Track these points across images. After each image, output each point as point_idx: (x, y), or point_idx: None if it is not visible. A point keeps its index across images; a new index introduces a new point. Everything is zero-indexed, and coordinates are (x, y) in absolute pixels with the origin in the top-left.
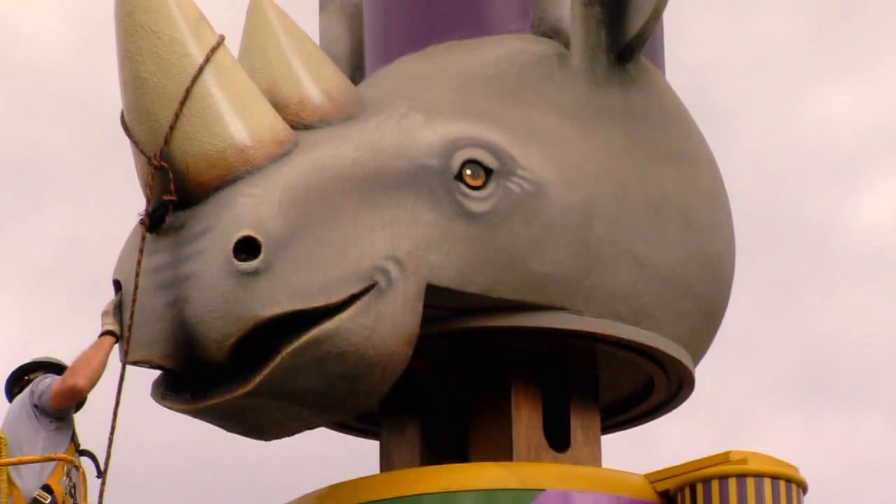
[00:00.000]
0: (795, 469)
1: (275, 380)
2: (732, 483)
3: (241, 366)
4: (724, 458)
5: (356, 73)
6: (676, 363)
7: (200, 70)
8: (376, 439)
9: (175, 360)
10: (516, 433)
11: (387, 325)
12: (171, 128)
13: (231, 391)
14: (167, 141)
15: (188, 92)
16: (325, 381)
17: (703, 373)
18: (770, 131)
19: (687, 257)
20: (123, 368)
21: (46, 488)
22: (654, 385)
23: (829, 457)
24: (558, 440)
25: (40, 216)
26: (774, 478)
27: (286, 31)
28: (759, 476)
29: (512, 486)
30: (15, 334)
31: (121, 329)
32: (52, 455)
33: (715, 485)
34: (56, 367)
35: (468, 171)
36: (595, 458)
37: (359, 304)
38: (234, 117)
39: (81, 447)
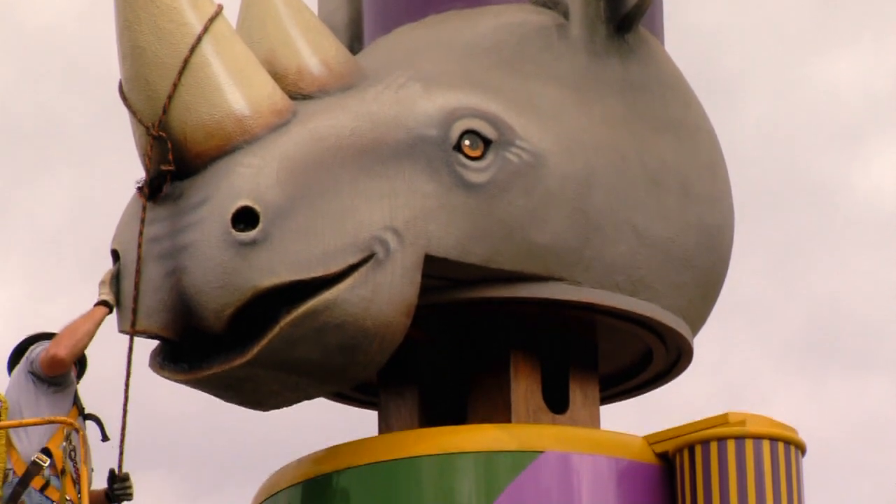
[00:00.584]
0: (794, 431)
1: (273, 350)
2: (731, 445)
3: (240, 336)
4: (723, 419)
5: (355, 43)
6: (675, 334)
7: (199, 40)
8: (376, 409)
9: (173, 330)
10: (515, 396)
11: (385, 296)
12: (170, 98)
13: (229, 361)
14: (165, 111)
15: (186, 62)
16: (323, 352)
17: (709, 337)
18: (777, 96)
19: (686, 228)
20: (132, 339)
21: (45, 451)
22: (652, 356)
23: (835, 420)
24: (557, 405)
25: (49, 181)
26: (773, 439)
27: (285, 1)
28: (757, 438)
29: (511, 448)
30: (23, 299)
31: (117, 299)
32: (53, 418)
33: (713, 446)
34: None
35: (467, 142)
36: (594, 422)
37: (357, 274)
38: (233, 87)
39: (86, 411)
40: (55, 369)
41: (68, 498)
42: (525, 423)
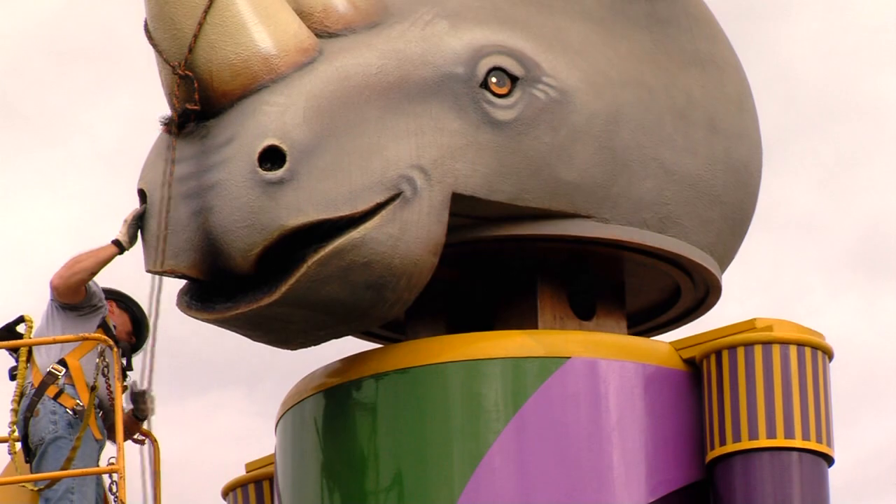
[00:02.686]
0: (821, 336)
1: (300, 289)
2: (758, 350)
3: (267, 275)
4: (750, 325)
5: None
6: (703, 270)
7: None
8: None
9: (200, 269)
10: (542, 305)
11: (412, 234)
12: (195, 37)
13: (256, 300)
14: (191, 50)
15: (212, 1)
16: (350, 291)
17: (761, 253)
18: (832, 12)
19: (714, 163)
20: (159, 278)
21: (62, 362)
22: (680, 292)
23: (887, 336)
24: (584, 315)
25: (109, 101)
26: (800, 345)
27: None
28: (784, 343)
29: (538, 354)
30: (82, 218)
31: (134, 240)
32: (86, 335)
33: (741, 352)
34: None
35: (494, 79)
36: (621, 330)
37: (384, 213)
38: (259, 26)
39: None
40: (56, 295)
41: (80, 403)
42: (552, 328)
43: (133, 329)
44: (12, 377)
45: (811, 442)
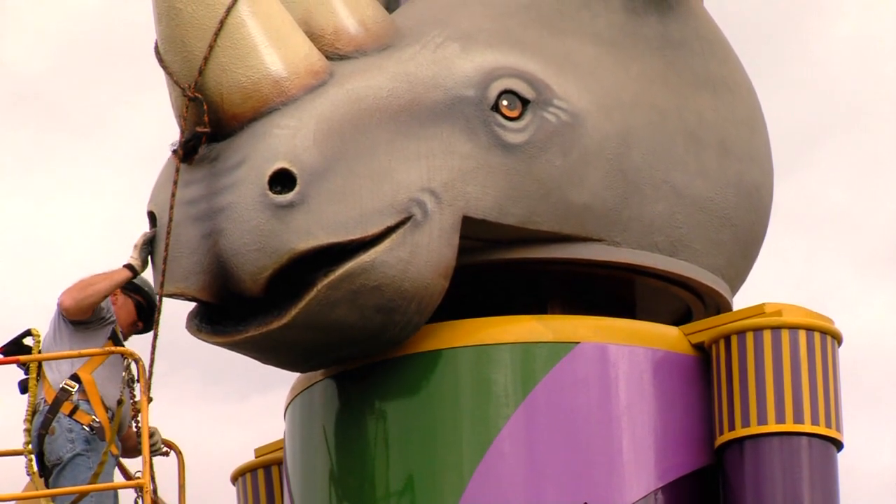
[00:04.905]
0: (830, 321)
1: (310, 313)
2: (767, 335)
3: (277, 298)
4: (759, 310)
5: (392, 2)
6: (714, 294)
7: (235, 1)
8: None
9: (210, 292)
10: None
11: (423, 258)
12: (206, 59)
13: (266, 324)
14: (201, 72)
15: (222, 23)
16: (360, 314)
17: (795, 247)
18: (867, 11)
19: (725, 186)
20: (160, 301)
21: (74, 377)
22: (691, 315)
23: None
24: None
25: (148, 100)
26: (809, 329)
27: None
28: (793, 328)
29: (547, 339)
30: (120, 215)
31: (146, 263)
32: (112, 349)
33: (749, 336)
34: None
35: (505, 102)
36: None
37: (394, 236)
38: (269, 48)
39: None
40: (66, 314)
41: (98, 419)
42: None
43: (138, 314)
44: (23, 390)
45: (820, 427)
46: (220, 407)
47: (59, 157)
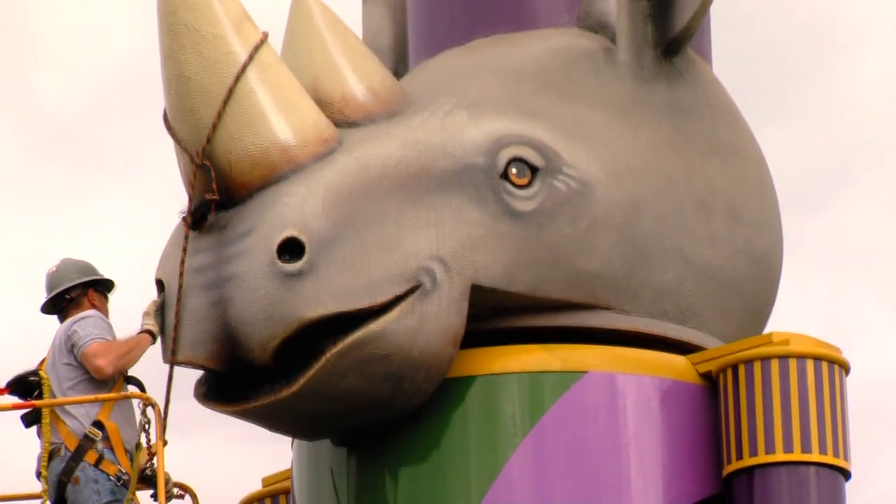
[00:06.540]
0: (838, 350)
1: (319, 381)
2: (775, 364)
3: (285, 367)
4: (767, 339)
5: (400, 64)
6: None
7: (244, 68)
8: None
9: (218, 361)
10: None
11: (431, 327)
12: (214, 126)
13: (275, 393)
14: (210, 140)
15: (231, 91)
16: (369, 382)
17: (822, 282)
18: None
19: (734, 254)
20: (171, 369)
21: (97, 424)
22: None
23: None
24: None
25: None
26: (817, 359)
27: (329, 27)
28: (801, 357)
29: (555, 369)
30: (155, 251)
31: (162, 330)
32: (130, 393)
33: (757, 366)
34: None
35: (514, 170)
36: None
37: (403, 305)
38: (278, 116)
39: (128, 374)
40: (101, 378)
41: (124, 470)
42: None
43: None
44: (27, 423)
45: (828, 456)
46: (229, 433)
47: (92, 194)
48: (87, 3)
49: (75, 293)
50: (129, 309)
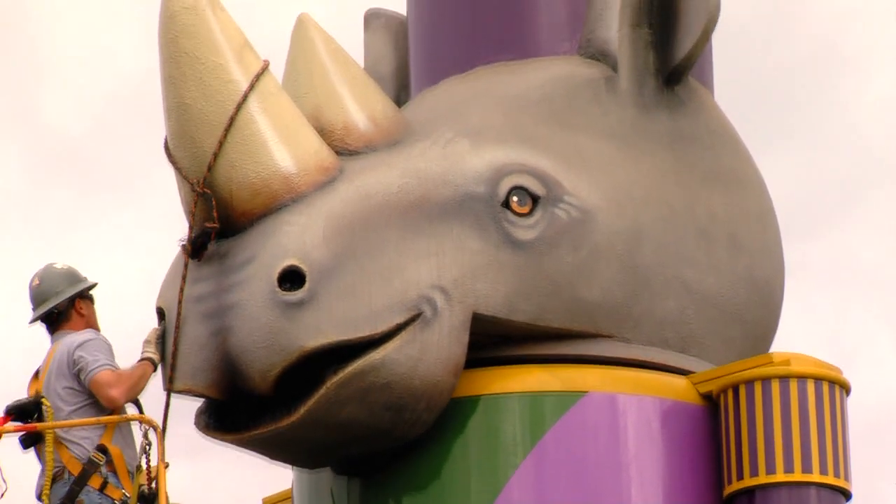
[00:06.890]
0: (839, 371)
1: (319, 410)
2: (775, 384)
3: (286, 396)
4: (768, 359)
5: (402, 92)
6: None
7: (245, 97)
8: None
9: (219, 390)
10: None
11: (432, 356)
12: (215, 155)
13: (275, 422)
14: (210, 168)
15: (232, 119)
16: (369, 412)
17: (827, 304)
18: None
19: (736, 282)
20: (168, 397)
21: (101, 448)
22: None
23: None
24: None
25: None
26: (817, 379)
27: (331, 56)
28: (802, 377)
29: (555, 389)
30: (158, 272)
31: (163, 358)
32: (133, 415)
33: (758, 386)
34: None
35: (515, 199)
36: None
37: (404, 334)
38: (279, 144)
39: None
40: (107, 405)
41: (128, 495)
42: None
43: None
44: (25, 445)
45: (829, 477)
46: (230, 453)
47: (98, 216)
48: (92, 26)
49: (63, 305)
50: (134, 329)
